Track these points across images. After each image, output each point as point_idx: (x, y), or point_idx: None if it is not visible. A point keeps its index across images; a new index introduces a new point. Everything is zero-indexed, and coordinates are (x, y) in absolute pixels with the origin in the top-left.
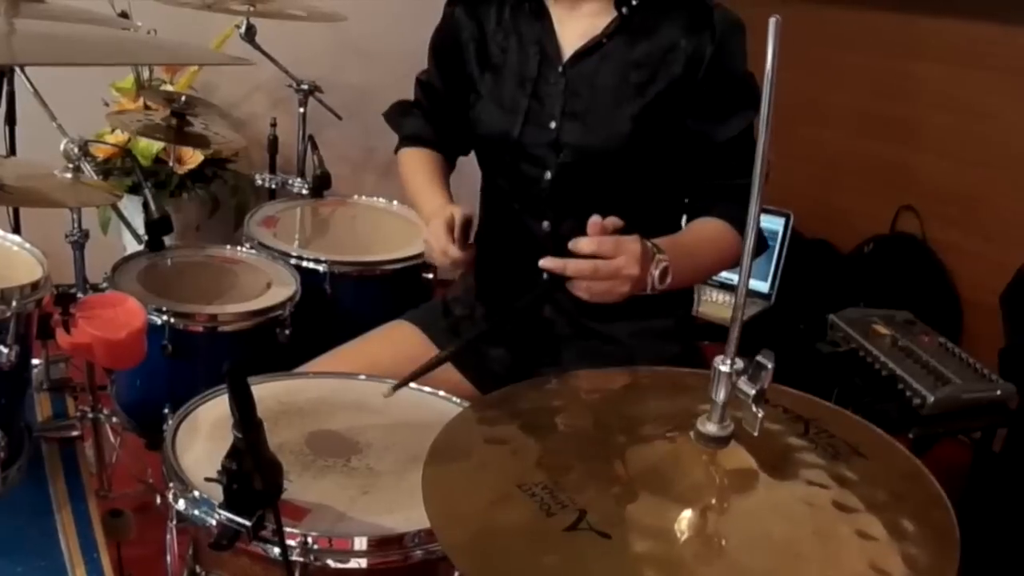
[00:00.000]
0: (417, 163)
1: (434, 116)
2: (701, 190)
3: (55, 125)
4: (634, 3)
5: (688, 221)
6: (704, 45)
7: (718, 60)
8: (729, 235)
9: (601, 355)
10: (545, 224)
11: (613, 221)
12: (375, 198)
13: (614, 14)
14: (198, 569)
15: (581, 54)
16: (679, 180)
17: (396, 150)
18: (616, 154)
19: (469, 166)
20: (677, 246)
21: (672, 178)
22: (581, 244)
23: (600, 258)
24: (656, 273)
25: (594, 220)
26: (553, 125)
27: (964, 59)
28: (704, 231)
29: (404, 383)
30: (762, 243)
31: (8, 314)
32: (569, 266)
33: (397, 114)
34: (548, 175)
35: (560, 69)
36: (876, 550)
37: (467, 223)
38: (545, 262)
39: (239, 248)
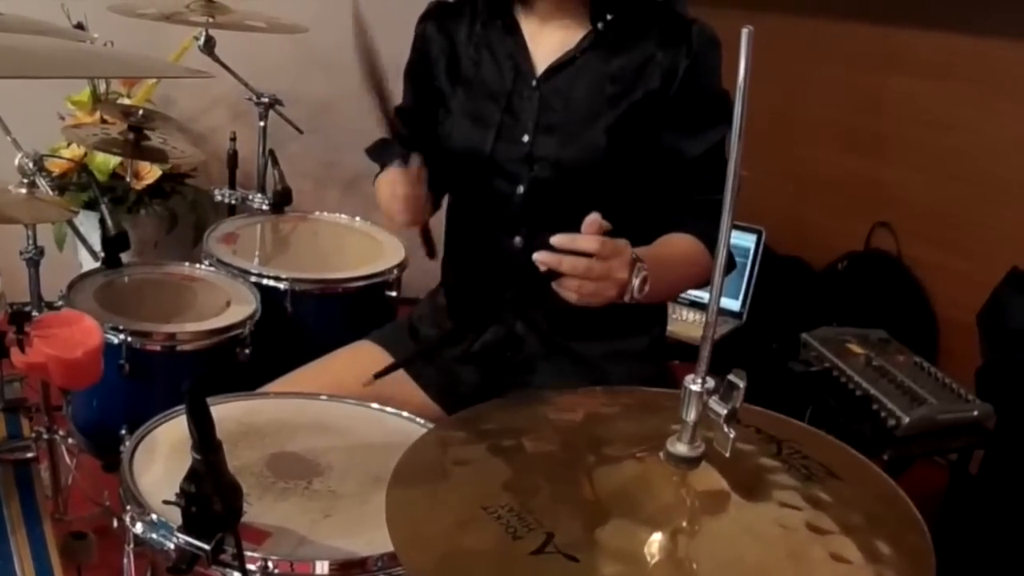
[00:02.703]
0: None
1: (416, 143)
2: (674, 205)
3: (9, 139)
4: (609, 18)
5: (660, 236)
6: (680, 59)
7: (693, 74)
8: (701, 252)
9: (573, 376)
10: (517, 240)
11: (605, 224)
12: (337, 214)
13: (588, 28)
14: None
15: (555, 69)
16: (652, 195)
17: (375, 179)
18: (590, 168)
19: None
20: (654, 258)
21: (645, 193)
22: (580, 241)
23: (595, 257)
24: (636, 282)
25: (592, 219)
26: (526, 139)
27: (940, 72)
28: (677, 246)
29: (391, 369)
30: (731, 262)
31: None
32: (565, 261)
33: (380, 147)
34: (520, 190)
35: (534, 84)
36: (851, 573)
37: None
38: (540, 255)
39: (198, 265)
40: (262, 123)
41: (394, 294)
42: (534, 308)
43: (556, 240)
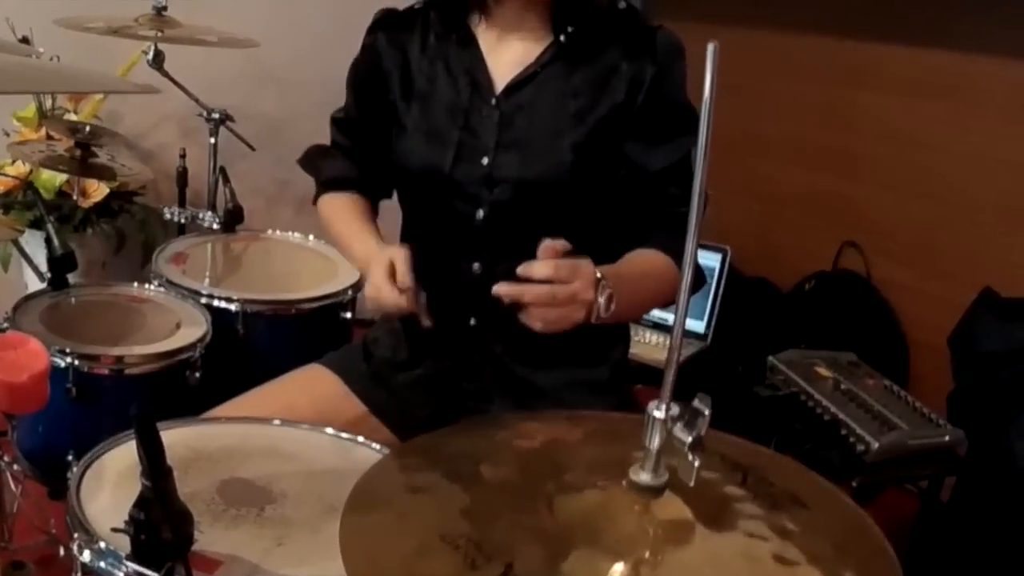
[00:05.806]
0: (340, 209)
1: (356, 154)
2: (639, 220)
3: None
4: (571, 29)
5: (626, 253)
6: (645, 68)
7: (658, 84)
8: (668, 266)
9: (531, 408)
10: (476, 265)
11: (564, 244)
12: (290, 233)
13: (549, 40)
14: None
15: (516, 85)
16: (616, 212)
17: (315, 198)
18: (555, 187)
19: (389, 201)
20: (618, 275)
21: (610, 211)
22: (535, 269)
23: (555, 283)
24: (602, 301)
25: (547, 244)
26: (486, 160)
27: (910, 88)
28: (643, 262)
29: None
30: (700, 278)
31: None
32: (526, 293)
33: (314, 158)
34: (480, 213)
35: (493, 101)
36: None
37: (410, 264)
38: (500, 288)
39: (147, 286)
40: (212, 140)
41: (349, 315)
42: (498, 338)
43: (518, 271)
